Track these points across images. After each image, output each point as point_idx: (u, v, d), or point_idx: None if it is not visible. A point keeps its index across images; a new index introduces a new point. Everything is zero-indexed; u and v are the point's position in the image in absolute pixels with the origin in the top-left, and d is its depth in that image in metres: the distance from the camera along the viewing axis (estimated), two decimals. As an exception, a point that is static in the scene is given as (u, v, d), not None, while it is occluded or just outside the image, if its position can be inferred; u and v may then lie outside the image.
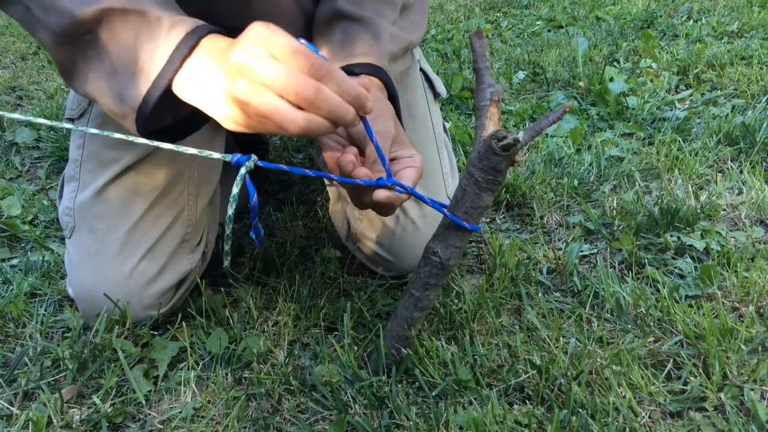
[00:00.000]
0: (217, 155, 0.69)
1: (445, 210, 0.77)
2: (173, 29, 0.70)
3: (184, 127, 0.82)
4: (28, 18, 0.74)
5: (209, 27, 0.71)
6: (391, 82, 0.89)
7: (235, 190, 0.73)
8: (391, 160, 0.80)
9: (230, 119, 0.67)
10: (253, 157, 0.69)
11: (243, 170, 0.69)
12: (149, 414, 0.83)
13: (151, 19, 0.70)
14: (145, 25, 0.70)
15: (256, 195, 0.70)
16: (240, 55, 0.63)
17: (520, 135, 0.71)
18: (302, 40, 0.66)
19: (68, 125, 0.75)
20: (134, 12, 0.70)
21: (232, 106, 0.66)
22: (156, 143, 0.71)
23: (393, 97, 0.89)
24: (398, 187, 0.75)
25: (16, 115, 0.65)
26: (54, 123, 0.73)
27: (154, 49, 0.70)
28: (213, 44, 0.69)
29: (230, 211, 0.74)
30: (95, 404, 0.83)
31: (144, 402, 0.84)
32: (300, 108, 0.63)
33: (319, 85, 0.63)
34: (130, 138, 0.73)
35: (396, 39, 0.93)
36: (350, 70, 0.86)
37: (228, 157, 0.70)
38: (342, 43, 0.89)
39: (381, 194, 0.74)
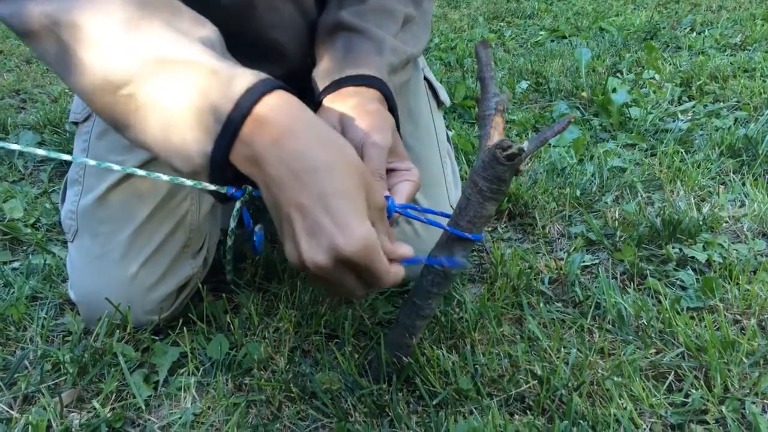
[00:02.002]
0: (212, 186, 0.67)
1: (446, 222, 0.77)
2: (233, 81, 0.61)
3: None
4: (62, 57, 0.65)
5: (273, 82, 0.62)
6: (391, 94, 0.89)
7: (233, 224, 0.72)
8: (389, 171, 0.80)
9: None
10: (248, 188, 0.67)
11: (238, 204, 0.69)
12: (149, 419, 0.82)
13: (204, 71, 0.61)
14: (199, 77, 0.61)
15: (252, 224, 0.70)
16: (291, 194, 0.60)
17: (525, 145, 0.71)
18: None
19: (67, 156, 0.70)
20: (184, 63, 0.61)
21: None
22: (155, 176, 0.68)
23: (392, 110, 0.89)
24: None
25: (14, 146, 0.64)
26: (55, 154, 0.72)
27: (210, 104, 0.60)
28: (278, 110, 0.61)
29: (229, 242, 0.74)
30: (95, 409, 0.83)
31: (144, 407, 0.84)
32: None
33: (350, 263, 0.60)
34: (128, 170, 0.70)
35: (397, 51, 0.93)
36: (348, 81, 0.86)
37: (223, 190, 0.69)
38: (343, 54, 0.90)
39: None
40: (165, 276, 0.97)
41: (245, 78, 0.61)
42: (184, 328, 0.95)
